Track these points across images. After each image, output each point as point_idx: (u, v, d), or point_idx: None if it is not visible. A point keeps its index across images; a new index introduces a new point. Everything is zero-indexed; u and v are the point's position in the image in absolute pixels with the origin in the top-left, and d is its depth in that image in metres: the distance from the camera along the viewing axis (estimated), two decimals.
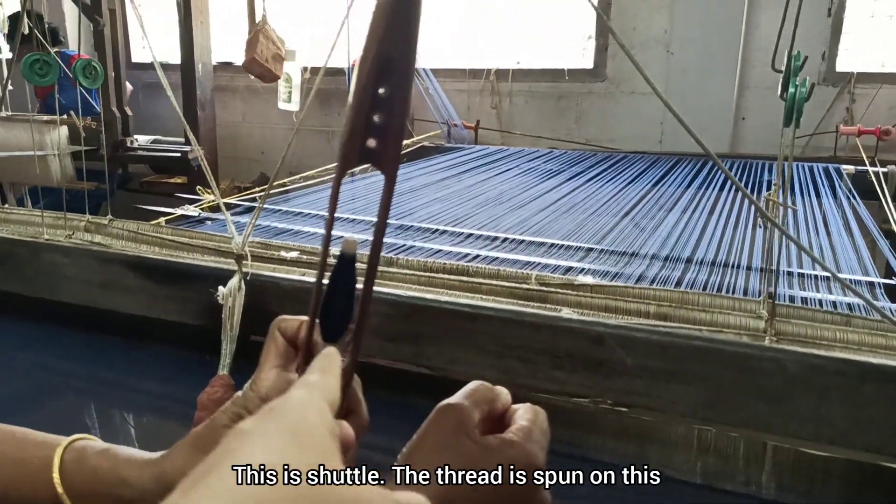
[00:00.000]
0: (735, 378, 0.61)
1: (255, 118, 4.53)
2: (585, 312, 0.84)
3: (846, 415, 0.58)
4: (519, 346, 0.67)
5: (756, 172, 2.75)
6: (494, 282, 0.87)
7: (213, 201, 2.20)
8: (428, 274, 0.93)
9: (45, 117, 3.18)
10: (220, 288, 0.71)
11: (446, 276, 0.90)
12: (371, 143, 0.39)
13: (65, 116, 3.13)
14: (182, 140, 3.75)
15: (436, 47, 4.01)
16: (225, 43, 4.39)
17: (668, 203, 2.21)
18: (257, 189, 2.27)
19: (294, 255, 0.99)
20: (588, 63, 3.71)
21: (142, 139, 3.88)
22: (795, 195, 2.31)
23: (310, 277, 0.85)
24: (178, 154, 3.52)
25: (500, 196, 2.33)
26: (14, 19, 2.09)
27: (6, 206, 2.73)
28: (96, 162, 3.62)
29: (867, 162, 2.57)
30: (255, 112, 4.48)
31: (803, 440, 0.62)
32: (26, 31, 1.44)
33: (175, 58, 3.69)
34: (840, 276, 1.07)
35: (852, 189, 2.41)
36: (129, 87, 3.68)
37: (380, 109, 0.39)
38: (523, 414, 0.46)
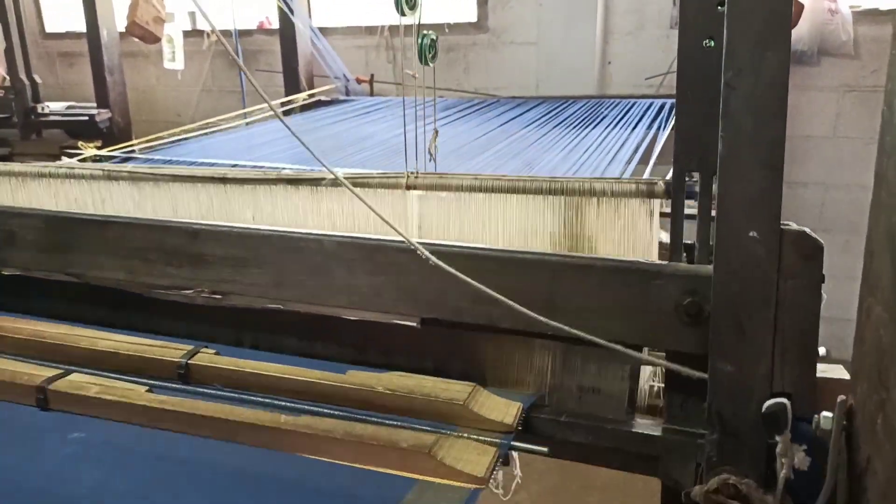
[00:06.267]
0: (293, 260, 0.71)
1: (169, 82, 4.71)
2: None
3: (368, 283, 0.70)
4: (140, 248, 0.75)
5: (621, 110, 3.07)
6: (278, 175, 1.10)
7: (92, 155, 2.47)
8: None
9: None
10: None
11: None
12: None
13: None
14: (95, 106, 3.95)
15: (334, 6, 4.23)
16: None
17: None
18: (136, 142, 2.54)
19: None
20: (472, 17, 3.97)
21: (56, 106, 4.06)
22: (612, 127, 2.63)
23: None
24: (87, 118, 3.72)
25: (362, 140, 2.62)
26: None
27: None
28: (8, 130, 3.82)
29: None
30: (169, 76, 4.66)
31: (340, 308, 0.71)
32: None
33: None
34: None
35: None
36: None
37: None
38: None
